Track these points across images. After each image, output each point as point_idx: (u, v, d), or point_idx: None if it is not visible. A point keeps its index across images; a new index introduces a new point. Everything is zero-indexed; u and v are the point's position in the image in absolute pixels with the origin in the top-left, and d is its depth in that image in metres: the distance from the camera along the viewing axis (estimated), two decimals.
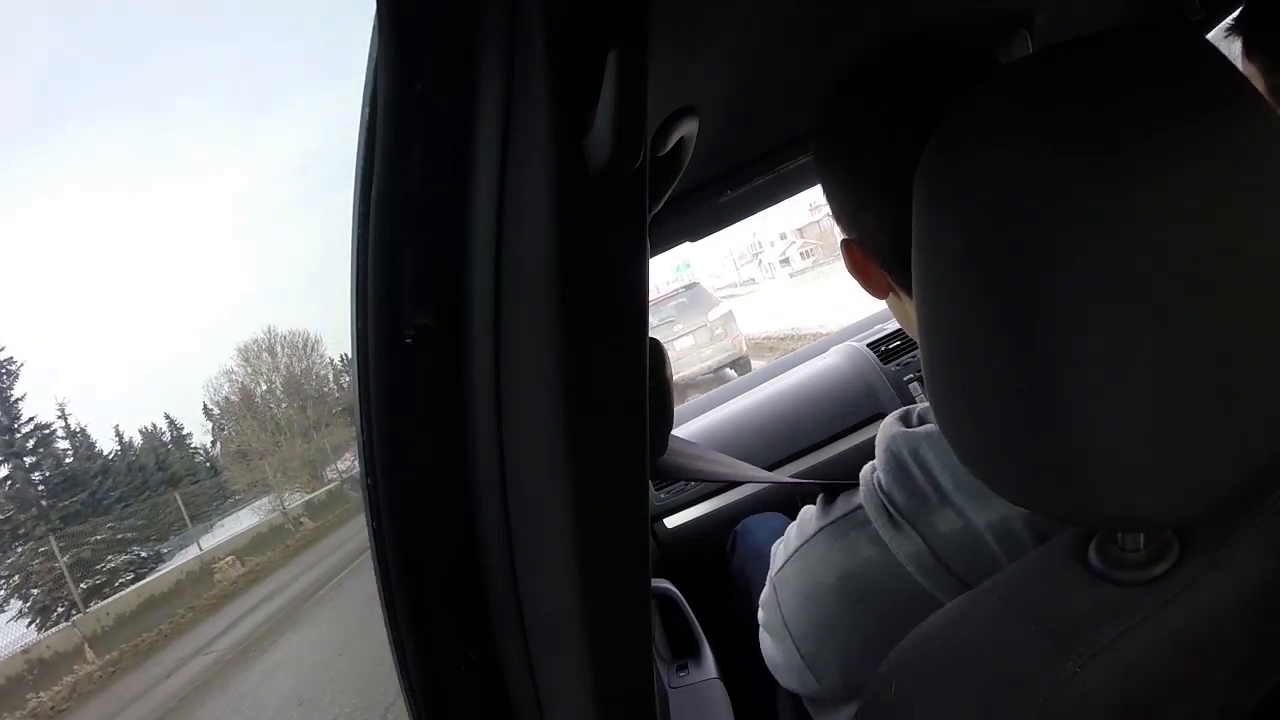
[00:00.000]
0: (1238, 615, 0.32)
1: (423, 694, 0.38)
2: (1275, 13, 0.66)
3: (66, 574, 10.62)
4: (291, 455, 18.23)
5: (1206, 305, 0.26)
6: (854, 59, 0.47)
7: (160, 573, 11.23)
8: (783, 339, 9.83)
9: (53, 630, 9.32)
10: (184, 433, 21.00)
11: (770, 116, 0.75)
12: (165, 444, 20.47)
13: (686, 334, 7.53)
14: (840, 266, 0.51)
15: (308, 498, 15.76)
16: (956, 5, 0.61)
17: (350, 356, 0.36)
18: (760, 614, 0.54)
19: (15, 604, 12.36)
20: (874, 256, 0.47)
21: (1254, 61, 0.68)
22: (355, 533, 11.00)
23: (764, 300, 19.21)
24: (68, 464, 15.91)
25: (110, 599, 9.70)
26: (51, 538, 11.91)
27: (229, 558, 11.54)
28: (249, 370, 20.05)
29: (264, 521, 13.97)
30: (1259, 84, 0.67)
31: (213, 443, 20.16)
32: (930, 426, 0.45)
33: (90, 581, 12.63)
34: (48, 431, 15.64)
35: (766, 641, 0.53)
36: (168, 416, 21.12)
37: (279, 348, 20.54)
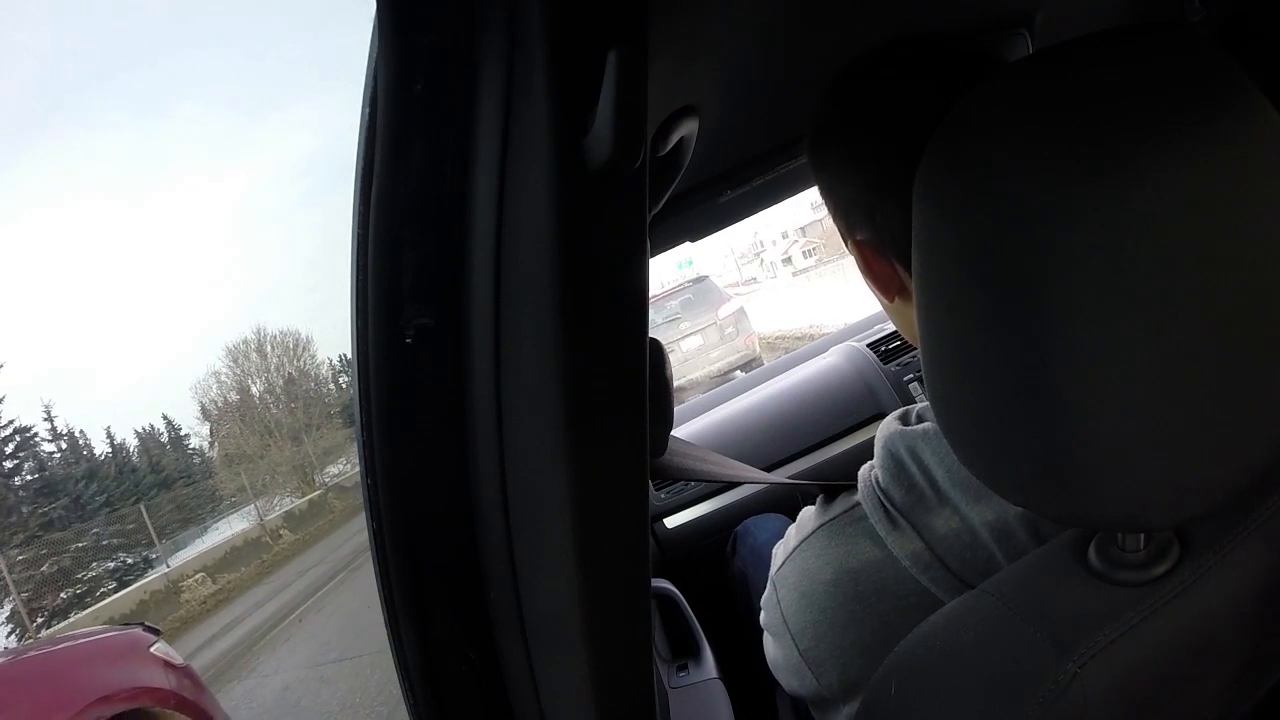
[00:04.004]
0: (1238, 616, 0.32)
1: (423, 694, 0.38)
2: (1251, 22, 0.66)
3: (13, 587, 10.04)
4: (280, 460, 17.77)
5: (1206, 306, 0.26)
6: (854, 59, 0.47)
7: (130, 589, 10.56)
8: (799, 338, 8.94)
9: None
10: (181, 434, 20.88)
11: (770, 116, 0.75)
12: (163, 445, 20.37)
13: (694, 333, 6.61)
14: (846, 264, 0.50)
15: (288, 508, 15.11)
16: (956, 5, 0.61)
17: (350, 356, 0.36)
18: (762, 615, 0.54)
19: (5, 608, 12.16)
20: (886, 253, 0.46)
21: None
22: (336, 547, 10.43)
23: (766, 299, 19.09)
24: (51, 468, 15.53)
25: (70, 619, 9.17)
26: (1, 551, 11.45)
27: (199, 575, 10.69)
28: (237, 371, 19.70)
29: (239, 533, 13.03)
30: None
31: (211, 444, 19.97)
32: (928, 425, 0.45)
33: (71, 590, 12.18)
34: (29, 435, 15.29)
35: (769, 643, 0.53)
36: (166, 418, 21.07)
37: (269, 348, 20.13)
